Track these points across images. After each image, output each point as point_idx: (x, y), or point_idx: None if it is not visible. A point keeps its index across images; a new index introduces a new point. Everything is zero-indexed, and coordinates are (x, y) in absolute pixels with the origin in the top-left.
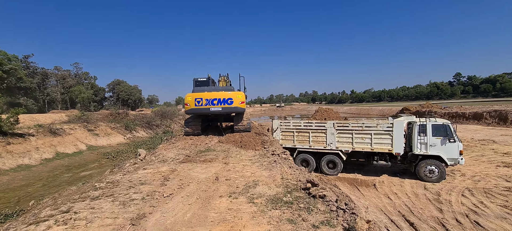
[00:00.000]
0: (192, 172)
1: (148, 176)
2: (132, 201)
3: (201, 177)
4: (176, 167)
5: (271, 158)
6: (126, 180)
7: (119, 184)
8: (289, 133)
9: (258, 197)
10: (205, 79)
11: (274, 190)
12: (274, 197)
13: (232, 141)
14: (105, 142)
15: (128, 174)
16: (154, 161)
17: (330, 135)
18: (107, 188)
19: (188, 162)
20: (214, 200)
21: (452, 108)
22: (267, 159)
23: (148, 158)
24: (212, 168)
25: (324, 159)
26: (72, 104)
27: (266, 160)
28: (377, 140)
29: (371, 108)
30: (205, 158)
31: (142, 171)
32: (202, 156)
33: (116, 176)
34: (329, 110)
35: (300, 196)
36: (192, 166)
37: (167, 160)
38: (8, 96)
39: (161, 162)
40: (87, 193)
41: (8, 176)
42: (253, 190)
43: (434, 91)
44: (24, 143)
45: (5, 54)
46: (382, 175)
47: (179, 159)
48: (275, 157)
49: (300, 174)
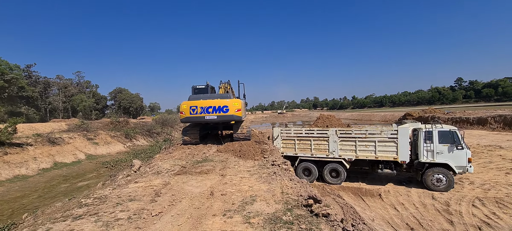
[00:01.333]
0: (186, 186)
1: (139, 190)
2: (117, 221)
3: (195, 191)
4: (170, 180)
5: (271, 169)
6: (115, 195)
7: (106, 200)
8: (290, 141)
9: (255, 215)
10: (203, 86)
11: (273, 207)
12: (273, 216)
13: (231, 150)
14: (105, 150)
15: (118, 188)
16: (147, 173)
17: (333, 143)
18: (93, 205)
19: (183, 174)
20: (206, 219)
21: (455, 113)
22: (267, 170)
23: (143, 169)
24: (208, 181)
25: (327, 167)
26: (74, 113)
27: (266, 171)
28: (381, 148)
29: (373, 114)
30: (202, 169)
31: (133, 184)
32: (198, 167)
33: (105, 190)
34: (331, 117)
35: (301, 214)
36: (187, 179)
37: (162, 172)
38: (9, 106)
39: (155, 173)
40: (71, 211)
41: (4, 187)
42: (250, 207)
43: (435, 97)
44: (22, 152)
45: (7, 64)
46: (387, 183)
47: (174, 170)
48: (275, 167)
49: (301, 187)
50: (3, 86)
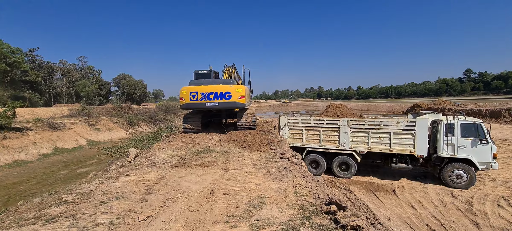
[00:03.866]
0: (183, 181)
1: (129, 186)
2: (95, 227)
3: (193, 188)
4: (166, 173)
5: (280, 163)
6: (101, 191)
7: (90, 197)
8: (297, 131)
9: (266, 224)
10: (206, 71)
11: (286, 212)
12: (288, 227)
13: (234, 140)
14: (107, 137)
15: (106, 182)
16: (142, 164)
17: (344, 134)
18: (74, 203)
19: (181, 167)
20: (205, 227)
21: (466, 106)
22: (275, 163)
23: (138, 159)
24: (209, 175)
25: (336, 160)
26: (77, 98)
27: (274, 165)
28: (397, 140)
29: (379, 105)
30: (202, 161)
31: (124, 178)
32: (198, 159)
33: (91, 184)
34: (342, 106)
35: (323, 224)
36: (185, 172)
37: (158, 163)
38: (12, 90)
39: (150, 165)
40: (46, 210)
41: (2, 172)
42: (258, 213)
43: (443, 88)
44: (22, 137)
45: (9, 47)
46: (400, 178)
47: (172, 161)
48: (285, 161)
49: (318, 187)
50: (5, 70)
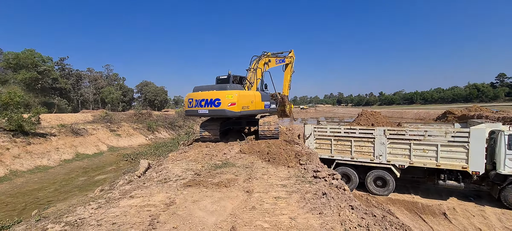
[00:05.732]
0: (196, 209)
1: (130, 213)
2: None
3: (208, 222)
4: (177, 196)
5: (316, 184)
6: (95, 220)
7: (80, 228)
8: (325, 141)
9: None
10: (225, 76)
11: None
12: None
13: (257, 152)
14: (127, 142)
15: (105, 206)
16: (152, 180)
17: (380, 145)
18: None
19: (195, 186)
20: None
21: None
22: (310, 185)
23: (149, 173)
24: (228, 201)
25: (371, 174)
26: (103, 105)
27: (309, 187)
28: (445, 154)
29: (404, 111)
30: (220, 178)
31: (126, 201)
32: (216, 175)
33: (87, 209)
34: (376, 114)
35: None
36: (200, 194)
37: (170, 179)
38: (43, 96)
39: (160, 182)
40: None
41: (24, 178)
42: None
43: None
44: (45, 143)
45: (40, 56)
46: (448, 198)
47: (185, 178)
48: (321, 182)
49: (376, 225)
50: (36, 78)
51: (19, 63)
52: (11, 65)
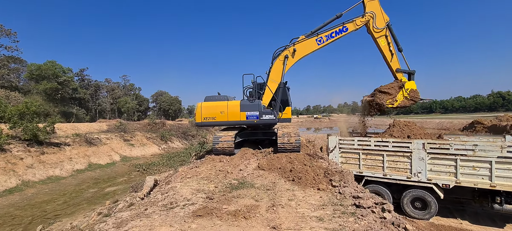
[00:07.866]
0: None
1: None
2: None
3: None
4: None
5: (363, 220)
6: None
7: None
8: (352, 155)
9: None
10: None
11: None
12: None
13: (277, 168)
14: (140, 152)
15: None
16: (155, 205)
17: (418, 160)
18: None
19: (206, 216)
20: None
21: None
22: (354, 219)
23: (153, 195)
24: None
25: (408, 194)
26: (119, 114)
27: (354, 224)
28: (502, 172)
29: (424, 121)
30: (237, 204)
31: None
32: (232, 200)
33: None
34: (411, 124)
35: None
36: (213, 229)
37: (177, 205)
38: (62, 106)
39: (165, 209)
40: None
41: (35, 189)
42: None
43: (498, 102)
44: (58, 152)
45: (61, 67)
46: (505, 225)
47: (195, 203)
48: (369, 215)
49: None
50: (57, 88)
51: (41, 74)
52: (33, 76)
